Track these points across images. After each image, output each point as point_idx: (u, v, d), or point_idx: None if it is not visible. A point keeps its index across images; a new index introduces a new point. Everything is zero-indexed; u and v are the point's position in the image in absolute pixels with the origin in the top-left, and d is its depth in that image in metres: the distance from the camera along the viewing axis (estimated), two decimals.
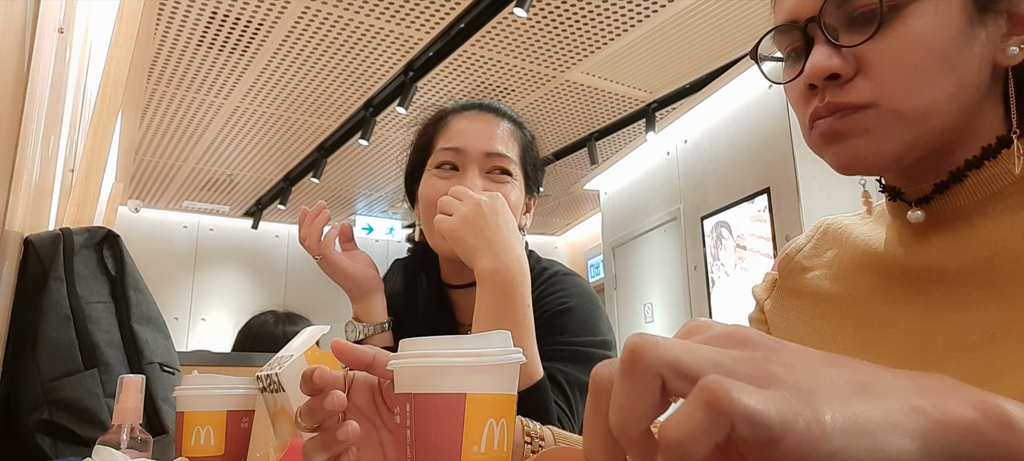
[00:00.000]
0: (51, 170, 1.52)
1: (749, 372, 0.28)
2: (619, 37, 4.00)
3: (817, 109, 0.61)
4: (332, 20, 3.80)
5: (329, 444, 0.57)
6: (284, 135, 5.36)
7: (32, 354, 1.04)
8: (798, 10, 0.63)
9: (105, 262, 1.15)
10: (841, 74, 0.60)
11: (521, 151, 1.12)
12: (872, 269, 0.68)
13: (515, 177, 1.09)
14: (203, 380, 0.78)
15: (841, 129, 0.60)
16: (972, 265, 0.59)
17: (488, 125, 1.10)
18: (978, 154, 0.61)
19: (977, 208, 0.61)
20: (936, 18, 0.58)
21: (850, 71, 0.60)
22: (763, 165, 3.72)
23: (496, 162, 1.07)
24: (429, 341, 0.53)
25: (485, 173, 1.07)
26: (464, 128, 1.10)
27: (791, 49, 0.66)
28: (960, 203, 0.62)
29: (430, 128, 1.14)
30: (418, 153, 1.15)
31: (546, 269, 1.12)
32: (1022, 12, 0.60)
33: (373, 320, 1.09)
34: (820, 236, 0.78)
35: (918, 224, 0.63)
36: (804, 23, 0.62)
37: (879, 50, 0.59)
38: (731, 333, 0.31)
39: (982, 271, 0.58)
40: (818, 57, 0.60)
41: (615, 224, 5.16)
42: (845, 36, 0.60)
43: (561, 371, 0.99)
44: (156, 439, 0.87)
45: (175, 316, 6.75)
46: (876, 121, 0.59)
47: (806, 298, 0.74)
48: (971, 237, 0.60)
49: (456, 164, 1.08)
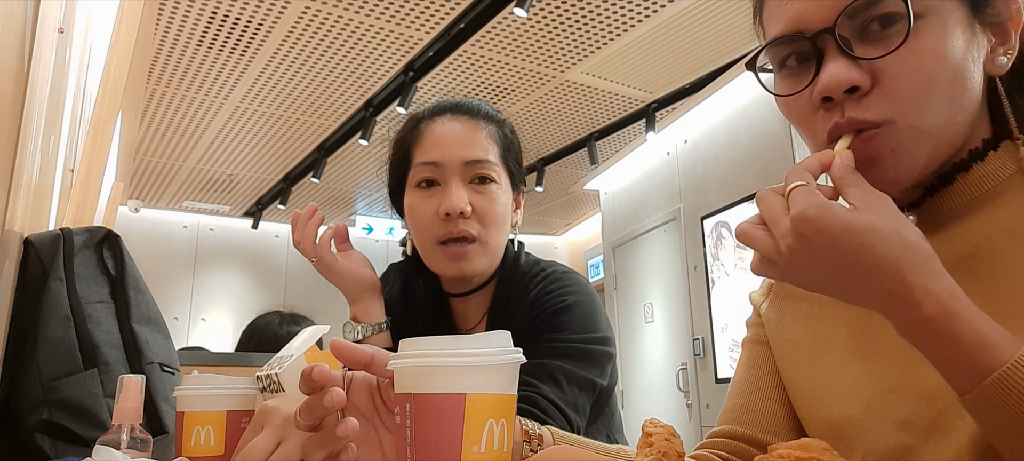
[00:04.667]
0: (51, 170, 1.52)
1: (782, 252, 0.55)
2: (619, 37, 4.00)
3: (838, 123, 0.60)
4: (332, 20, 3.80)
5: (328, 442, 0.57)
6: (284, 135, 5.36)
7: (32, 354, 1.04)
8: (804, 21, 0.61)
9: (105, 262, 1.15)
10: (860, 86, 0.59)
11: (502, 150, 1.09)
12: None
13: (499, 180, 1.06)
14: (203, 380, 0.78)
15: (872, 154, 0.59)
16: (956, 260, 0.59)
17: (464, 130, 1.06)
18: (966, 158, 0.62)
19: (965, 208, 0.62)
20: (945, 31, 0.58)
21: (868, 83, 0.59)
22: (763, 165, 3.72)
23: (477, 170, 1.04)
24: (429, 341, 0.53)
25: (468, 183, 1.04)
26: (439, 137, 1.06)
27: (788, 60, 0.64)
28: (949, 205, 0.63)
29: (406, 139, 1.10)
30: (397, 169, 1.11)
31: (544, 269, 1.11)
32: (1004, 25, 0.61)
33: (371, 320, 1.09)
34: None
35: None
36: (814, 34, 0.60)
37: (896, 64, 0.58)
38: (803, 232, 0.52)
39: (966, 266, 0.59)
40: (837, 70, 0.59)
41: (615, 224, 5.16)
42: (859, 48, 0.59)
43: (560, 368, 0.99)
44: (156, 439, 0.87)
45: (175, 316, 6.75)
46: (898, 138, 0.59)
47: (801, 301, 0.76)
48: (956, 234, 0.61)
49: (436, 179, 1.05)
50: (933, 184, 0.63)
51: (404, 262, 1.19)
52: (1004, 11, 0.61)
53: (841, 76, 0.58)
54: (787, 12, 0.62)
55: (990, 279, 0.58)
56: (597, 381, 1.03)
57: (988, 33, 0.61)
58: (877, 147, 0.59)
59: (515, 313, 1.07)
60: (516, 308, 1.07)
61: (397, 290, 1.17)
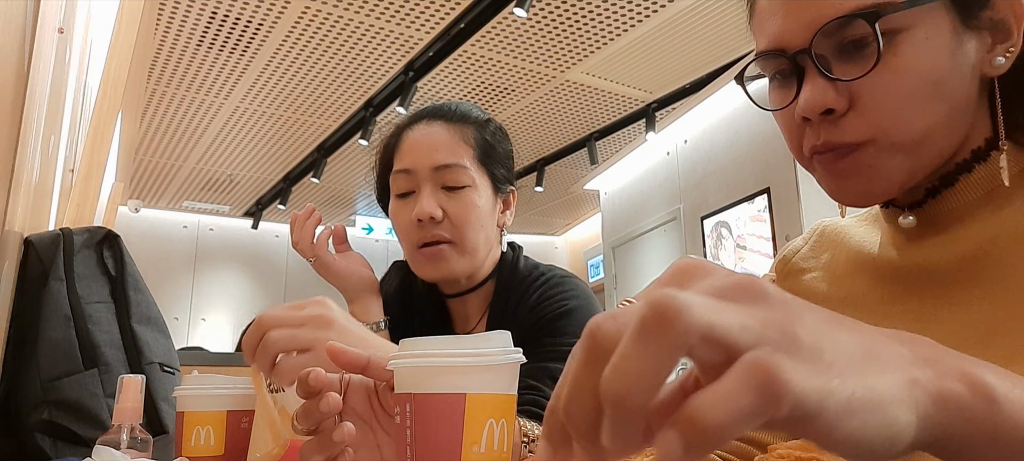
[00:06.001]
0: (51, 170, 1.52)
1: (776, 337, 0.26)
2: (619, 37, 4.00)
3: (815, 146, 0.60)
4: (332, 20, 3.80)
5: (326, 446, 0.57)
6: (284, 135, 5.36)
7: (32, 354, 1.04)
8: (784, 38, 0.60)
9: (105, 262, 1.15)
10: (836, 109, 0.58)
11: (479, 153, 1.08)
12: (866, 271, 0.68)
13: (474, 183, 1.06)
14: (203, 380, 0.78)
15: (845, 169, 0.59)
16: (961, 263, 0.58)
17: (433, 138, 1.07)
18: (968, 157, 0.61)
19: (967, 209, 0.61)
20: (926, 45, 0.57)
21: (844, 105, 0.58)
22: (763, 165, 3.72)
23: (446, 176, 1.04)
24: (429, 341, 0.53)
25: (440, 189, 1.05)
26: (411, 145, 1.07)
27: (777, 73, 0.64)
28: (951, 206, 0.62)
29: (389, 147, 1.12)
30: (382, 176, 1.13)
31: (544, 273, 1.11)
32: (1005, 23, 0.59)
33: (369, 319, 1.09)
34: (817, 238, 0.78)
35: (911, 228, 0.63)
36: (793, 53, 0.60)
37: (873, 84, 0.57)
38: (742, 285, 0.28)
39: (971, 269, 0.58)
40: (812, 93, 0.58)
41: (615, 224, 5.17)
42: (838, 67, 0.59)
43: (560, 371, 0.99)
44: (156, 439, 0.87)
45: (175, 316, 6.75)
46: (875, 157, 0.58)
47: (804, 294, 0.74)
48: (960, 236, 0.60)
49: (410, 188, 1.06)
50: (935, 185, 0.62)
51: (403, 261, 1.20)
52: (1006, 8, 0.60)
53: (816, 100, 0.58)
54: (770, 28, 0.62)
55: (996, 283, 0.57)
56: None
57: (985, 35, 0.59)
58: (851, 165, 0.59)
59: (515, 316, 1.07)
60: (516, 311, 1.07)
61: (396, 288, 1.17)
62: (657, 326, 0.25)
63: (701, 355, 0.26)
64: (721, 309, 0.26)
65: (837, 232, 0.75)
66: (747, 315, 0.27)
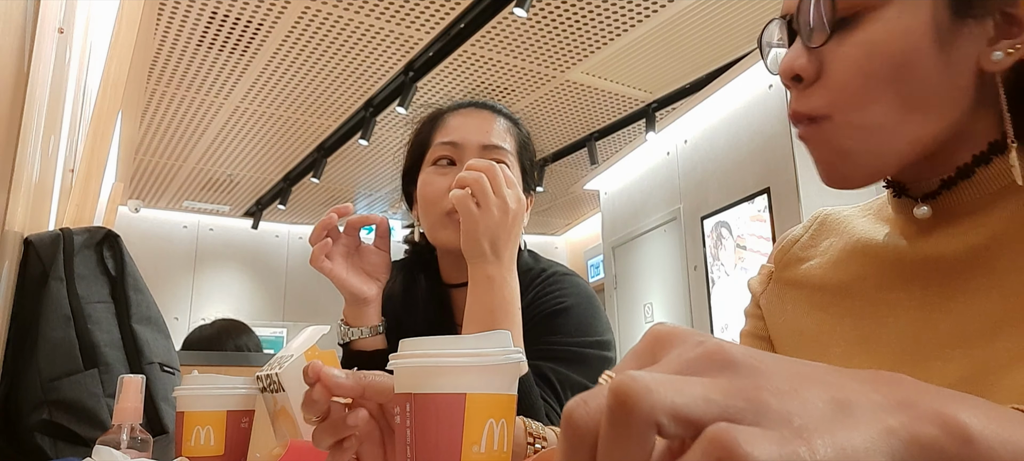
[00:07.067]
0: (51, 170, 1.52)
1: (742, 406, 0.26)
2: (619, 37, 4.00)
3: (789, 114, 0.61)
4: (332, 20, 3.80)
5: (339, 428, 0.59)
6: (284, 135, 5.36)
7: (32, 354, 1.04)
8: (788, 4, 0.62)
9: (105, 262, 1.15)
10: (803, 77, 0.59)
11: (518, 146, 1.13)
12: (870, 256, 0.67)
13: (513, 171, 1.09)
14: (203, 380, 0.78)
15: (808, 140, 0.60)
16: (971, 253, 0.57)
17: (484, 120, 1.11)
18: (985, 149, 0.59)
19: (983, 202, 0.59)
20: (898, 25, 0.55)
21: (813, 75, 0.59)
22: (763, 165, 3.72)
23: (493, 155, 1.07)
24: (429, 341, 0.53)
25: None
26: (461, 123, 1.11)
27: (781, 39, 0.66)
28: (968, 198, 0.60)
29: (427, 127, 1.15)
30: (415, 151, 1.16)
31: (545, 270, 1.12)
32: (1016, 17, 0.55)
33: (361, 323, 1.07)
34: (817, 227, 0.77)
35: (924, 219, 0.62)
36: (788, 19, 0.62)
37: (837, 56, 0.57)
38: (709, 355, 0.29)
39: (982, 259, 0.57)
40: (786, 57, 0.60)
41: (615, 224, 5.16)
42: (817, 36, 0.59)
43: (553, 370, 0.99)
44: (156, 439, 0.87)
45: (175, 316, 6.74)
46: (834, 134, 0.58)
47: (803, 288, 0.73)
48: (972, 226, 0.59)
49: (453, 158, 1.08)
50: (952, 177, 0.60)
51: (406, 258, 1.20)
52: None
53: (785, 64, 0.59)
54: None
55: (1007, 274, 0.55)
56: (591, 385, 1.03)
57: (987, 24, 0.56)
58: (812, 135, 0.59)
59: None
60: None
61: (398, 285, 1.17)
62: (623, 413, 0.26)
63: (670, 433, 0.26)
64: (683, 386, 0.26)
65: (839, 221, 0.75)
66: (711, 387, 0.27)
